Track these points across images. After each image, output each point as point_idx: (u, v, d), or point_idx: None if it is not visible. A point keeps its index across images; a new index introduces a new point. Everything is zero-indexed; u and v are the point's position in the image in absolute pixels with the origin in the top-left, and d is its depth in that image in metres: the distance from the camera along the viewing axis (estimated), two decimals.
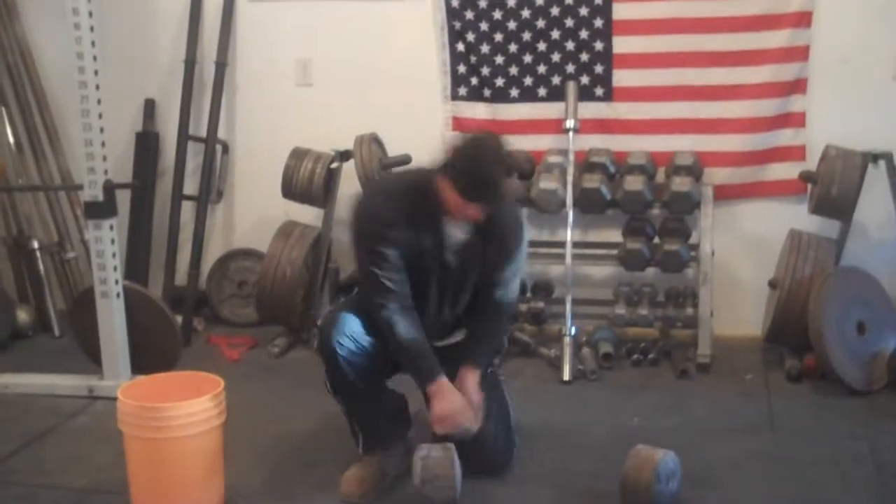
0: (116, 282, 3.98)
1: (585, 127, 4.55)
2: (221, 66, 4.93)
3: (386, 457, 3.26)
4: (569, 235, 4.48)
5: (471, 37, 4.69)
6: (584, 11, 4.57)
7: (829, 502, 3.16)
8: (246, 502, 3.21)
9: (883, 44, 4.39)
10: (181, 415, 3.01)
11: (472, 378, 3.20)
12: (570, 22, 4.60)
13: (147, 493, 3.08)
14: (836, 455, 3.46)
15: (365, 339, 3.13)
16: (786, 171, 4.55)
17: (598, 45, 4.60)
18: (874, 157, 4.30)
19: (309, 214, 4.79)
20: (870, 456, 3.45)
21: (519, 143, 4.69)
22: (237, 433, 3.39)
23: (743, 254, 4.68)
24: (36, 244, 5.01)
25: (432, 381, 3.11)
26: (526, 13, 4.63)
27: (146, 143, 5.05)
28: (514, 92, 4.73)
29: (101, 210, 3.92)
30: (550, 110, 4.68)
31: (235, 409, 3.23)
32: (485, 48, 4.70)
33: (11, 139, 5.04)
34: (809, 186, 4.43)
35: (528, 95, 4.72)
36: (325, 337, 3.14)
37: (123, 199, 4.53)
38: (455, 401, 3.11)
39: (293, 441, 3.67)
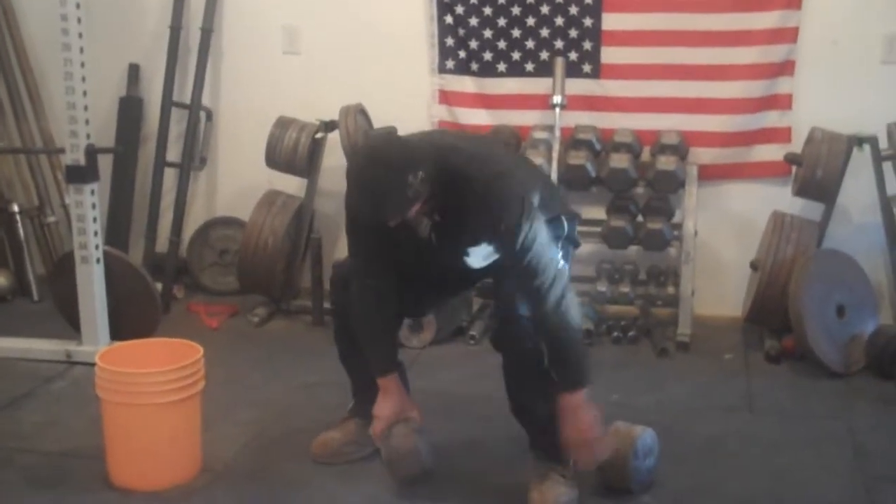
0: (97, 247, 3.96)
1: (572, 103, 4.52)
2: (207, 33, 4.88)
3: (363, 425, 3.18)
4: None
5: (459, 9, 4.65)
6: None
7: (805, 481, 3.17)
8: (223, 470, 3.20)
9: (872, 27, 4.38)
10: (159, 381, 3.00)
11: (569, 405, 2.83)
12: None
13: (123, 458, 3.07)
14: (814, 435, 3.49)
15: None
16: (771, 152, 4.54)
17: (587, 22, 4.57)
18: (859, 141, 4.29)
19: (292, 184, 4.75)
20: (846, 437, 3.47)
21: (505, 118, 4.70)
22: (215, 401, 3.38)
23: (725, 234, 4.68)
24: (16, 208, 4.97)
25: (381, 375, 3.03)
26: None
27: (130, 109, 5.01)
28: (502, 66, 4.70)
29: (82, 174, 3.89)
30: (538, 86, 4.65)
31: (214, 377, 3.23)
32: (473, 21, 4.66)
33: None
34: (794, 168, 4.43)
35: (516, 70, 4.69)
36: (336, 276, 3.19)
37: (105, 164, 4.48)
38: (389, 406, 3.02)
39: (271, 410, 3.66)
